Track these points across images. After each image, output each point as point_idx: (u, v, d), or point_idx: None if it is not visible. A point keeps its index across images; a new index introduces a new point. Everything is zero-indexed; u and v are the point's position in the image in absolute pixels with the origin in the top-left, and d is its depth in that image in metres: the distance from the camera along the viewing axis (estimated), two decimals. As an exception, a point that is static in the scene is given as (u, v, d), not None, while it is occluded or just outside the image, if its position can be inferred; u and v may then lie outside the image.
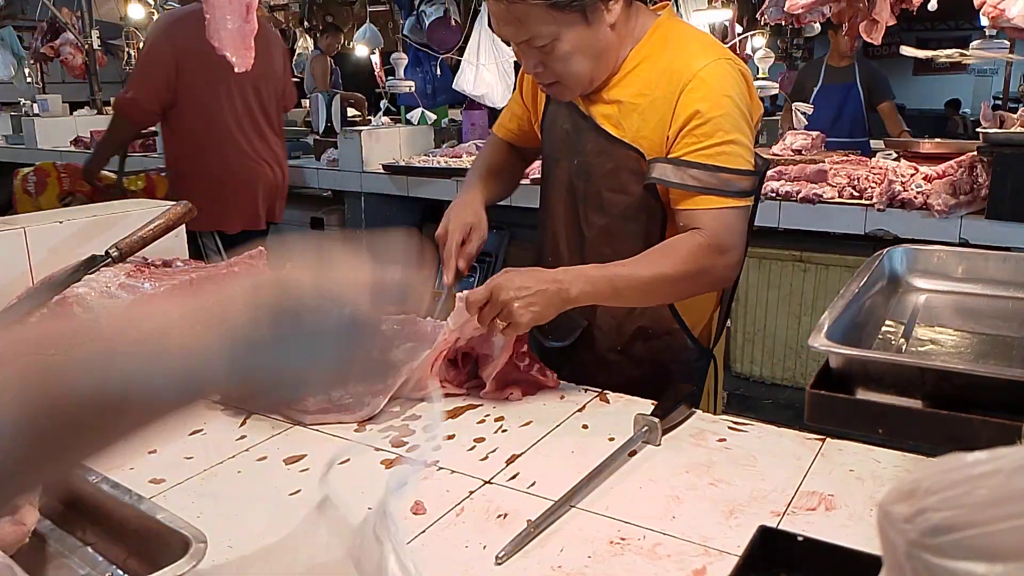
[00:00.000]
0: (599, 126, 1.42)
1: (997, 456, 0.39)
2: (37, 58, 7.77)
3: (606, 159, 1.42)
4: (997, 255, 1.45)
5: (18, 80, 7.92)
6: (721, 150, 1.31)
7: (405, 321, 1.38)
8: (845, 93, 5.04)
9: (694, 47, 1.37)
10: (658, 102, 1.35)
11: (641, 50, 1.39)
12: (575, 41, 1.29)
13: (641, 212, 1.42)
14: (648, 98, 1.37)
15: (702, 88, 1.31)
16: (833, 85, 5.11)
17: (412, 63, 5.77)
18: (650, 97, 1.36)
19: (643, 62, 1.39)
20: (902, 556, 0.41)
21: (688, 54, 1.35)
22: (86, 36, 6.66)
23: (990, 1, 3.01)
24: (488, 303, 1.22)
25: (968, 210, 3.02)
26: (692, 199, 1.32)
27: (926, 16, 3.80)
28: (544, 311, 1.23)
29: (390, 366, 0.96)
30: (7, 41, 7.75)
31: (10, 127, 6.82)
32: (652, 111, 1.36)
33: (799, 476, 1.05)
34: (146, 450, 1.15)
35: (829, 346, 1.02)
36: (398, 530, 0.63)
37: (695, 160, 1.31)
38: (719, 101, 1.31)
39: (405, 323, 1.37)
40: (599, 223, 1.47)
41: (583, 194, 1.48)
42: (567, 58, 1.31)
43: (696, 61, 1.33)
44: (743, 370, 3.78)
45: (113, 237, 1.52)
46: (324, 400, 1.23)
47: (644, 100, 1.37)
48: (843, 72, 5.06)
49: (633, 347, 1.51)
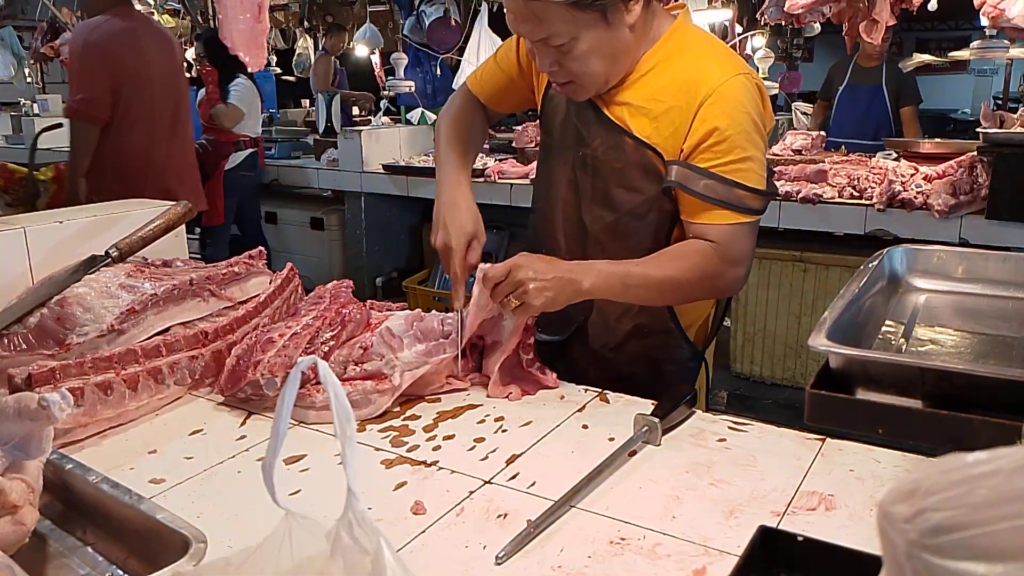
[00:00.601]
0: (613, 121, 1.39)
1: (997, 456, 0.39)
2: (37, 58, 7.77)
3: (617, 155, 1.40)
4: (997, 255, 1.45)
5: (18, 80, 7.92)
6: (738, 167, 1.31)
7: (411, 317, 1.38)
8: (872, 95, 4.92)
9: (713, 60, 1.36)
10: (673, 112, 1.34)
11: (656, 53, 1.38)
12: (593, 41, 1.28)
13: (651, 212, 1.41)
14: (663, 105, 1.35)
15: (721, 104, 1.30)
16: (860, 85, 4.99)
17: (412, 63, 5.77)
18: (665, 104, 1.35)
19: (657, 66, 1.37)
20: (902, 556, 0.41)
21: (707, 67, 1.34)
22: (86, 36, 6.64)
23: (990, 1, 3.01)
24: (505, 280, 1.24)
25: (968, 210, 3.02)
26: (707, 213, 1.33)
27: (926, 16, 3.80)
28: (557, 297, 1.26)
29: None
30: (7, 41, 7.75)
31: (10, 127, 6.82)
32: (667, 120, 1.35)
33: (799, 476, 1.05)
34: (146, 450, 1.15)
35: (829, 346, 1.02)
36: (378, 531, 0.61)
37: (716, 175, 1.32)
38: (738, 118, 1.31)
39: (411, 319, 1.37)
40: (605, 219, 1.45)
41: (587, 188, 1.46)
42: (584, 58, 1.29)
43: (716, 75, 1.32)
44: (743, 370, 3.78)
45: (113, 237, 1.53)
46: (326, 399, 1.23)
47: (658, 107, 1.35)
48: (871, 73, 4.94)
49: (627, 345, 1.51)
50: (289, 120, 7.08)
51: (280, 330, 1.34)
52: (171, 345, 1.31)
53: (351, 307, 1.41)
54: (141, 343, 1.30)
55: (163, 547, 0.82)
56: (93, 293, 1.37)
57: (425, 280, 4.70)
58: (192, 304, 1.46)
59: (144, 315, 1.37)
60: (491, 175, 4.12)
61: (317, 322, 1.35)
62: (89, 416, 1.17)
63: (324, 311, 1.38)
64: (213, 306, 1.50)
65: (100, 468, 0.98)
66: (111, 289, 1.40)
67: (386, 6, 5.48)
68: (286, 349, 1.28)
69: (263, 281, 1.61)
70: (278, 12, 7.11)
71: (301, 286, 1.66)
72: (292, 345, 1.29)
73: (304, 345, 1.29)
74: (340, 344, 1.34)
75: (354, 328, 1.37)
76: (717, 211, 1.32)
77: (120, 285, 1.41)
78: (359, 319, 1.39)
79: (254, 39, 2.59)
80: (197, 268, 1.57)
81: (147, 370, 1.26)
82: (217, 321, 1.43)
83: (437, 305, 4.57)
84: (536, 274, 1.24)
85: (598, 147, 1.43)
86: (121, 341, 1.32)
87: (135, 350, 1.26)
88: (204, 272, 1.51)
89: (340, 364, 1.30)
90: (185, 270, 1.54)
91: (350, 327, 1.36)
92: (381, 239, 4.84)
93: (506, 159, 4.36)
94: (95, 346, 1.29)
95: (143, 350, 1.27)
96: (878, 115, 4.90)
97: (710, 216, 1.33)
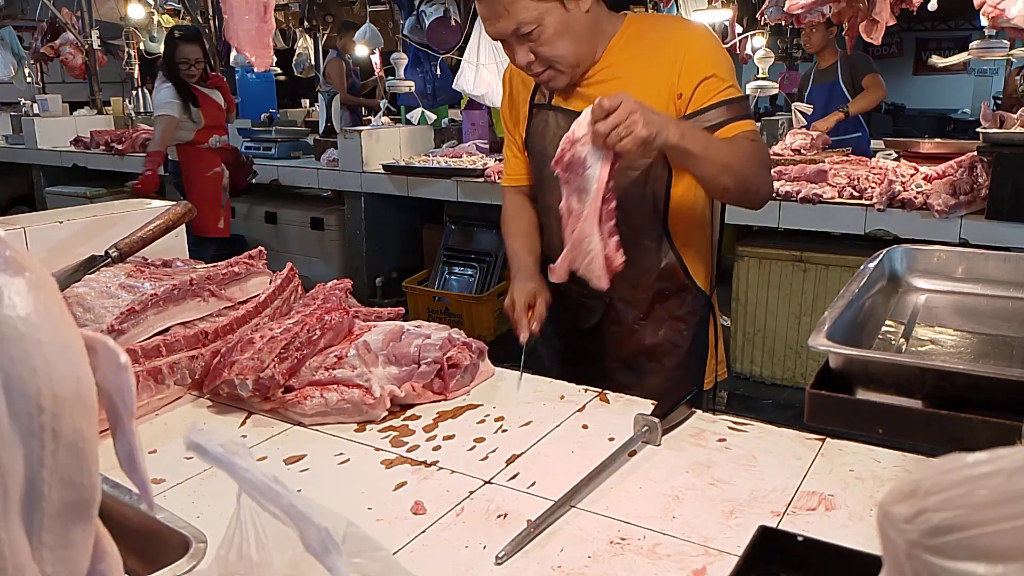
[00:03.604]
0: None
1: (997, 456, 0.39)
2: (37, 58, 7.78)
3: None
4: (997, 255, 1.44)
5: (18, 80, 7.92)
6: (734, 91, 1.50)
7: (388, 336, 1.35)
8: (829, 92, 5.09)
9: (677, 22, 1.60)
10: (657, 72, 1.49)
11: (617, 43, 1.54)
12: (558, 24, 1.44)
13: (647, 183, 1.54)
14: (644, 72, 1.50)
15: (702, 46, 1.50)
16: (819, 86, 5.18)
17: (412, 63, 5.76)
18: (645, 72, 1.50)
19: (623, 52, 1.53)
20: (902, 556, 0.41)
21: (675, 27, 1.59)
22: (86, 36, 6.66)
23: (990, 1, 3.01)
24: (617, 109, 1.26)
25: (968, 210, 3.02)
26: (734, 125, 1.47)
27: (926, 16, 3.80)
28: (660, 133, 1.29)
29: None
30: (7, 41, 7.76)
31: (10, 127, 6.82)
32: (653, 83, 1.48)
33: (799, 476, 1.05)
34: (146, 450, 1.15)
35: (829, 346, 1.02)
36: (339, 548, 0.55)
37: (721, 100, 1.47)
38: (717, 57, 1.51)
39: (388, 338, 1.35)
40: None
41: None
42: (553, 41, 1.45)
43: (686, 31, 1.54)
44: (743, 370, 3.78)
45: (113, 237, 1.53)
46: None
47: (637, 72, 1.50)
48: (827, 72, 5.12)
49: (653, 311, 1.63)
50: (289, 120, 7.07)
51: (263, 331, 1.33)
52: (171, 345, 1.31)
53: (334, 314, 1.39)
54: (141, 343, 1.30)
55: (163, 547, 0.82)
56: (93, 293, 1.37)
57: (425, 280, 4.70)
58: (192, 304, 1.46)
59: (144, 315, 1.37)
60: (491, 175, 4.12)
61: (297, 327, 1.33)
62: (89, 416, 1.16)
63: (306, 316, 1.37)
64: (213, 306, 1.49)
65: (100, 468, 0.98)
66: (111, 289, 1.40)
67: (386, 6, 5.47)
68: (260, 352, 1.27)
69: (263, 281, 1.61)
70: (278, 12, 7.10)
71: (301, 286, 1.66)
72: (267, 349, 1.27)
73: (279, 350, 1.27)
74: (316, 352, 1.33)
75: (333, 337, 1.36)
76: (742, 121, 1.48)
77: (120, 285, 1.41)
78: (340, 327, 1.38)
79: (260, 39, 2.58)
80: (197, 268, 1.57)
81: (147, 370, 1.26)
82: (217, 321, 1.43)
83: (436, 305, 4.57)
84: (643, 108, 1.28)
85: None
86: (121, 341, 1.32)
87: (135, 350, 1.26)
88: (204, 272, 1.51)
89: (312, 370, 1.29)
90: (185, 270, 1.54)
91: (329, 335, 1.35)
92: (381, 239, 4.84)
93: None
94: (95, 346, 1.29)
95: (143, 350, 1.27)
96: (839, 107, 4.97)
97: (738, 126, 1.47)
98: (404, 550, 0.91)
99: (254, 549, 0.59)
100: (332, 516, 0.55)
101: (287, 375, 1.26)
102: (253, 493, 0.55)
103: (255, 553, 0.59)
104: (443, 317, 4.45)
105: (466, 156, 4.56)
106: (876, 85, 4.97)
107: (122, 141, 5.84)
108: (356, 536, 0.55)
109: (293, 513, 0.54)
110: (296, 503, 0.54)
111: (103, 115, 6.77)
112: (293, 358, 1.28)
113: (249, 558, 0.59)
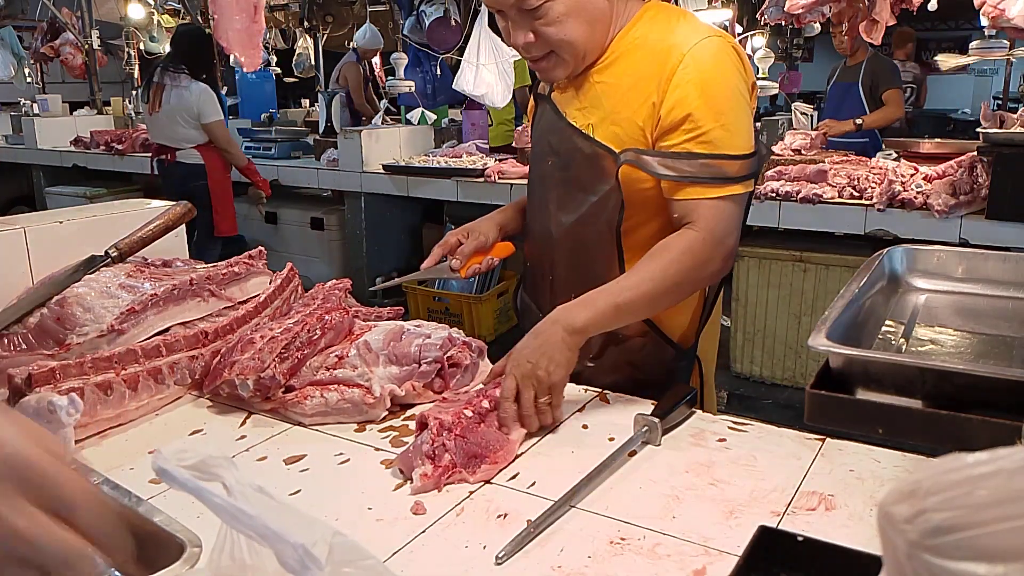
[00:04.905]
0: (572, 124, 1.38)
1: (997, 457, 0.38)
2: (37, 58, 7.78)
3: (579, 157, 1.39)
4: (997, 255, 1.44)
5: (18, 80, 7.93)
6: (713, 136, 1.26)
7: (389, 335, 1.34)
8: (845, 91, 5.10)
9: (684, 27, 1.32)
10: (643, 82, 1.30)
11: (627, 35, 1.35)
12: (570, 2, 1.26)
13: (604, 211, 1.38)
14: (633, 78, 1.32)
15: (694, 67, 1.26)
16: (840, 83, 5.19)
17: (412, 63, 5.76)
18: (634, 77, 1.32)
19: (629, 47, 1.35)
20: (902, 557, 0.41)
21: (677, 33, 1.31)
22: (86, 36, 6.66)
23: (990, 1, 3.01)
24: (518, 389, 1.17)
25: (968, 210, 3.02)
26: (684, 189, 1.29)
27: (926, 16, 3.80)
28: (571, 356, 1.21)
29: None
30: (7, 41, 7.76)
31: (10, 127, 6.83)
32: (636, 92, 1.31)
33: (799, 476, 1.05)
34: (146, 450, 1.15)
35: (829, 346, 1.02)
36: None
37: (685, 151, 1.27)
38: (711, 81, 1.26)
39: (389, 337, 1.33)
40: (566, 223, 1.45)
41: (555, 195, 1.46)
42: (562, 21, 1.26)
43: (686, 40, 1.28)
44: (743, 370, 3.78)
45: (113, 237, 1.52)
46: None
47: (628, 80, 1.32)
48: (850, 71, 5.12)
49: (606, 354, 1.46)
50: (289, 120, 7.08)
51: (263, 331, 1.33)
52: (171, 345, 1.31)
53: (334, 314, 1.38)
54: (141, 343, 1.30)
55: (160, 550, 0.82)
56: (93, 293, 1.37)
57: (425, 280, 4.70)
58: (192, 304, 1.46)
59: (144, 315, 1.37)
60: (491, 175, 4.12)
61: (297, 327, 1.33)
62: (89, 416, 1.16)
63: (307, 316, 1.37)
64: (213, 306, 1.49)
65: (100, 468, 0.98)
66: (111, 289, 1.39)
67: (386, 6, 5.47)
68: (260, 352, 1.26)
69: (263, 281, 1.61)
70: (278, 12, 7.11)
71: (301, 286, 1.66)
72: (267, 349, 1.27)
73: (279, 350, 1.27)
74: (316, 352, 1.33)
75: (333, 336, 1.36)
76: (695, 187, 1.27)
77: (120, 285, 1.41)
78: (340, 327, 1.38)
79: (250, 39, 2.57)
80: (197, 268, 1.57)
81: (147, 370, 1.26)
82: (217, 321, 1.43)
83: (436, 304, 4.57)
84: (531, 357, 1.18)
85: (563, 152, 1.42)
86: (121, 341, 1.32)
87: (135, 350, 1.26)
88: (204, 272, 1.51)
89: (313, 370, 1.29)
90: (185, 270, 1.54)
91: (329, 335, 1.35)
92: (381, 239, 4.84)
93: (506, 159, 4.37)
94: (95, 346, 1.29)
95: (143, 350, 1.27)
96: (852, 109, 5.01)
97: (685, 192, 1.28)
98: (404, 550, 0.91)
99: (246, 552, 0.59)
100: (317, 527, 0.53)
101: (288, 375, 1.26)
102: (224, 517, 0.55)
103: (248, 556, 0.59)
104: (443, 317, 4.45)
105: (466, 156, 4.56)
106: (895, 102, 4.95)
107: (122, 141, 5.84)
108: (343, 545, 0.54)
109: (266, 534, 0.53)
110: (269, 523, 0.52)
111: (103, 115, 6.78)
112: (294, 358, 1.28)
113: (242, 561, 0.59)
